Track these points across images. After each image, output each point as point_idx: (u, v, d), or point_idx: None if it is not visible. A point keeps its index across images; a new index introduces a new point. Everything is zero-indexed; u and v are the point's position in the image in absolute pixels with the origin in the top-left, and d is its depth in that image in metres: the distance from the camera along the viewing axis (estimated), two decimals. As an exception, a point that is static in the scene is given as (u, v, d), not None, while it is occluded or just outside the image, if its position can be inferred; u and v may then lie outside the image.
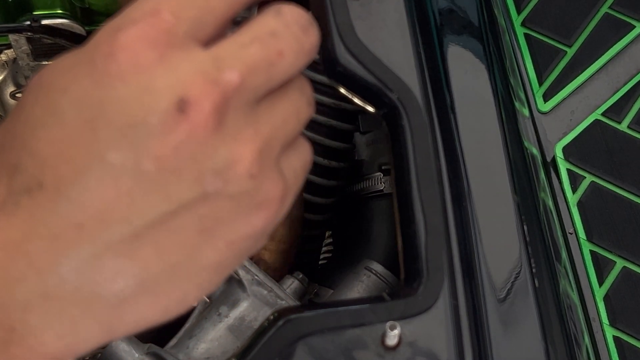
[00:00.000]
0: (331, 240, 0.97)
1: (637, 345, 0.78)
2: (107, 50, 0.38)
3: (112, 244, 0.38)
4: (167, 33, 0.38)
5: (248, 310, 0.75)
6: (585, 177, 0.86)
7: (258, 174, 0.39)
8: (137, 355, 0.71)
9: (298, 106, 0.42)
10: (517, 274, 0.68)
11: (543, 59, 0.92)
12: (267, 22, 0.41)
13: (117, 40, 0.38)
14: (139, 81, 0.37)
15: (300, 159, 0.43)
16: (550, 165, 0.86)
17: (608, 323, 0.79)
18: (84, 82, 0.38)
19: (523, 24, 0.94)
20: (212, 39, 0.40)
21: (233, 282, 0.76)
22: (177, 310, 0.41)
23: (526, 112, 0.88)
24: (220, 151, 0.38)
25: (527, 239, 0.69)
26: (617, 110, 0.90)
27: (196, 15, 0.39)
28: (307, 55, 0.42)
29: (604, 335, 0.78)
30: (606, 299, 0.80)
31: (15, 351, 0.38)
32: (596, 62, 0.93)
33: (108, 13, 1.02)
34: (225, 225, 0.39)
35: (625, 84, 0.92)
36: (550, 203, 0.82)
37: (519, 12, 0.95)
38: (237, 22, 0.46)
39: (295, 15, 0.42)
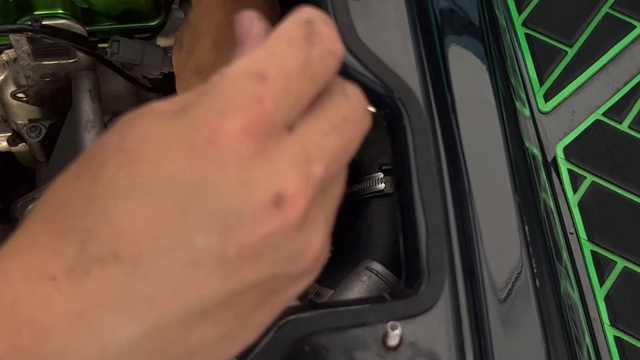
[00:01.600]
0: (331, 240, 0.97)
1: (638, 345, 0.78)
2: (208, 135, 0.37)
3: (177, 319, 0.38)
4: (268, 124, 0.38)
5: (249, 310, 0.75)
6: (586, 177, 0.86)
7: (322, 255, 0.41)
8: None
9: (345, 180, 0.45)
10: (518, 274, 0.68)
11: (544, 59, 0.92)
12: (340, 107, 0.41)
13: (220, 126, 0.37)
14: (238, 172, 0.37)
15: (336, 200, 0.45)
16: (551, 165, 0.86)
17: (609, 323, 0.79)
18: (180, 161, 0.37)
19: (524, 24, 0.94)
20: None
21: (234, 282, 0.76)
22: None
23: (527, 112, 0.88)
24: (298, 240, 0.39)
25: (528, 239, 0.69)
26: (617, 111, 0.90)
27: (292, 103, 0.40)
28: (364, 138, 0.43)
29: (605, 335, 0.78)
30: (607, 299, 0.80)
31: None
32: (597, 62, 0.93)
33: (109, 13, 1.02)
34: (278, 296, 0.42)
35: (625, 84, 0.92)
36: (551, 203, 0.82)
37: (519, 12, 0.95)
38: None
39: (359, 97, 0.43)
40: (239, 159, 0.38)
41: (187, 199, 0.37)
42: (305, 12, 0.41)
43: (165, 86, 1.07)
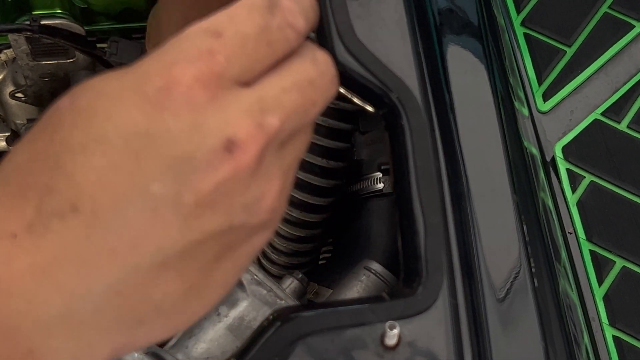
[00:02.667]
0: (331, 240, 0.97)
1: (637, 345, 0.78)
2: (160, 83, 0.38)
3: (140, 271, 0.38)
4: (220, 75, 0.39)
5: (247, 310, 0.75)
6: (584, 177, 0.86)
7: (278, 207, 0.42)
8: (136, 354, 0.71)
9: (308, 142, 0.46)
10: (516, 273, 0.68)
11: (542, 58, 0.92)
12: (306, 69, 0.43)
13: (172, 74, 0.38)
14: (190, 118, 0.38)
15: (296, 158, 0.45)
16: (550, 165, 0.86)
17: (607, 323, 0.79)
18: (133, 111, 0.38)
19: (522, 24, 0.94)
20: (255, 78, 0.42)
21: (232, 282, 0.76)
22: (183, 328, 0.45)
23: (526, 111, 0.88)
24: (252, 188, 0.40)
25: (527, 238, 0.69)
26: (616, 110, 0.90)
27: (246, 63, 0.41)
28: (328, 103, 0.45)
29: (604, 335, 0.78)
30: (606, 298, 0.80)
31: None
32: (596, 62, 0.93)
33: (108, 13, 1.02)
34: (236, 250, 0.42)
35: (624, 83, 0.92)
36: (550, 203, 0.82)
37: (518, 11, 0.95)
38: None
39: (329, 64, 0.44)
40: (190, 106, 0.38)
41: (141, 147, 0.38)
42: None
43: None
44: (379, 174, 0.88)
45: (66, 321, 0.38)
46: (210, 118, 0.39)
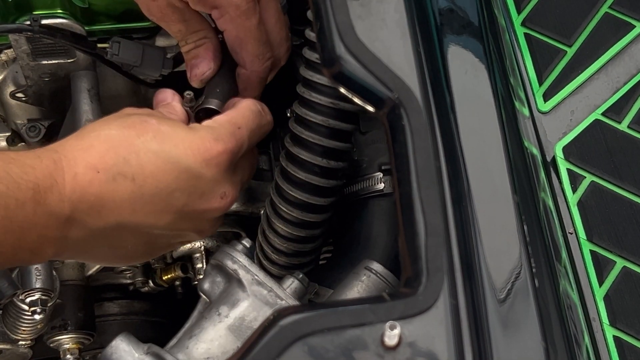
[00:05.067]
0: (331, 240, 0.97)
1: (637, 345, 0.78)
2: (208, 146, 0.75)
3: (141, 226, 0.75)
4: (237, 153, 0.78)
5: (248, 310, 0.75)
6: (585, 177, 0.86)
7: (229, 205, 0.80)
8: (137, 355, 0.71)
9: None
10: (517, 274, 0.68)
11: (543, 58, 0.92)
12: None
13: (214, 146, 0.75)
14: (216, 175, 0.75)
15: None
16: (550, 165, 0.86)
17: (608, 323, 0.79)
18: (189, 154, 0.74)
19: (523, 24, 0.94)
20: None
21: (233, 282, 0.76)
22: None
23: (526, 111, 0.88)
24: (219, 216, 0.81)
25: (527, 239, 0.69)
26: (617, 110, 0.90)
27: (248, 143, 0.80)
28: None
29: (604, 335, 0.78)
30: (606, 298, 0.80)
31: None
32: (596, 62, 0.93)
33: (108, 13, 1.02)
34: (181, 238, 0.82)
35: (625, 83, 0.92)
36: (550, 203, 0.82)
37: (519, 12, 0.95)
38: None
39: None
40: (219, 168, 0.75)
41: (185, 175, 0.73)
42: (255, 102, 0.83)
43: (166, 83, 1.07)
44: (380, 174, 0.88)
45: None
46: (225, 179, 0.77)
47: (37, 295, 1.08)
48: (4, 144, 1.20)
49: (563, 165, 0.86)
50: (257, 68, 0.86)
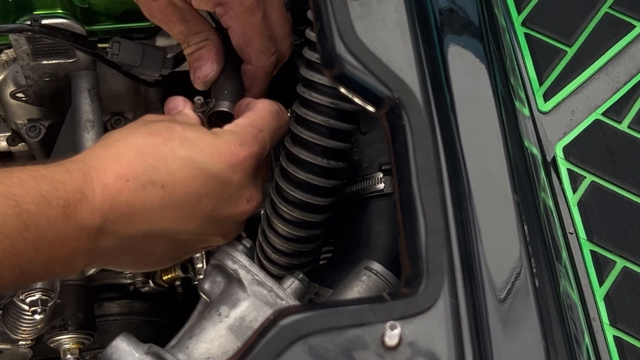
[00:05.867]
0: (331, 240, 0.97)
1: (637, 345, 0.78)
2: (234, 151, 0.75)
3: (167, 232, 0.75)
4: (260, 156, 0.78)
5: (248, 310, 0.75)
6: (585, 177, 0.86)
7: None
8: (137, 355, 0.71)
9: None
10: (517, 273, 0.68)
11: (543, 58, 0.92)
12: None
13: (240, 151, 0.76)
14: (242, 179, 0.76)
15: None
16: (551, 165, 0.86)
17: (608, 323, 0.79)
18: (216, 160, 0.75)
19: (523, 24, 0.94)
20: None
21: (233, 282, 0.76)
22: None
23: (526, 111, 0.88)
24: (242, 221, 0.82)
25: (528, 238, 0.69)
26: (617, 110, 0.90)
27: (270, 144, 0.81)
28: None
29: (604, 335, 0.78)
30: (606, 298, 0.80)
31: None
32: (596, 62, 0.93)
33: (108, 13, 1.02)
34: (205, 244, 0.82)
35: (625, 83, 0.92)
36: (551, 203, 0.82)
37: (519, 11, 0.95)
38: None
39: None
40: (245, 172, 0.76)
41: (213, 181, 0.74)
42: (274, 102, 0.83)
43: (166, 83, 1.07)
44: (380, 174, 0.88)
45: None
46: (250, 183, 0.77)
47: (37, 295, 1.08)
48: (4, 144, 1.20)
49: (563, 165, 0.86)
50: (263, 63, 0.86)
